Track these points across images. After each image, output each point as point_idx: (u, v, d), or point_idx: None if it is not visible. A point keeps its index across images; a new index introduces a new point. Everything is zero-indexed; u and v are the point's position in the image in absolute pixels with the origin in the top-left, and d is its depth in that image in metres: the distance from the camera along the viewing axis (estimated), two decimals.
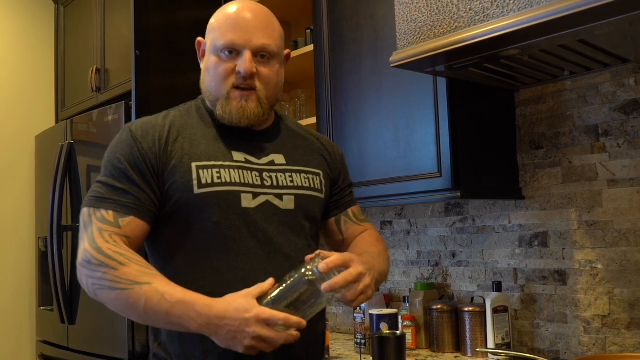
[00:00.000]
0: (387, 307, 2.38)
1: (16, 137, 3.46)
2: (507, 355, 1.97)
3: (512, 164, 2.14)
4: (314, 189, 1.51)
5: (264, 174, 1.46)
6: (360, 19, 2.21)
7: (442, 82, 1.94)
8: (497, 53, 1.67)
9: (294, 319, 1.21)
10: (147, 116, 1.50)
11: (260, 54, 1.44)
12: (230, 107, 1.43)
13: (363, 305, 2.23)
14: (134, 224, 1.37)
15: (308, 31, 2.62)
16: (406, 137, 2.05)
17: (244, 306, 1.21)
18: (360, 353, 2.19)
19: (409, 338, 2.21)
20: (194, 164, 1.41)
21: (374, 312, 2.15)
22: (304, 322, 1.23)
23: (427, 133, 1.98)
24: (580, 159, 1.99)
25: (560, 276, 2.03)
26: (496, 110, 2.13)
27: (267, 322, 1.20)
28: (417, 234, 2.47)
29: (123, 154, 1.41)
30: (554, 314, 2.04)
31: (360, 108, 2.20)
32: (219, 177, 1.41)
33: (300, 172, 1.51)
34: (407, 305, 2.31)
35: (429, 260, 2.43)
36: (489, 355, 2.03)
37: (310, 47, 2.47)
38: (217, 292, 1.29)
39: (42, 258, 3.17)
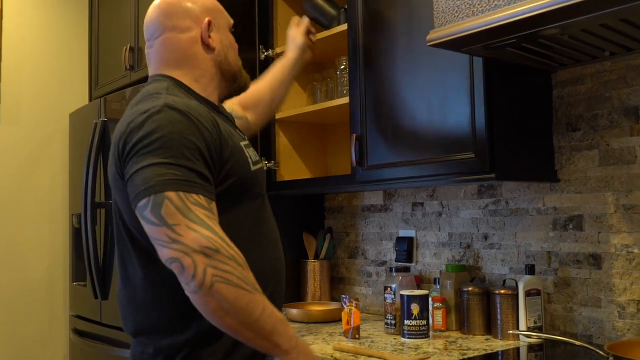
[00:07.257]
0: (418, 288, 2.37)
1: (51, 114, 3.50)
2: (539, 337, 1.95)
3: (547, 146, 2.11)
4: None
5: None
6: None
7: (478, 63, 1.91)
8: (536, 32, 1.64)
9: None
10: (172, 97, 1.41)
11: None
12: (245, 75, 1.66)
13: (394, 286, 2.23)
14: (216, 209, 1.32)
15: (342, 10, 2.59)
16: (440, 117, 2.03)
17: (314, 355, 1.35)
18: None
19: (439, 320, 2.20)
20: (241, 143, 1.50)
21: (405, 292, 2.14)
22: None
23: (462, 114, 1.96)
24: (618, 142, 1.96)
25: (595, 260, 2.00)
26: (532, 92, 2.09)
27: None
28: (449, 216, 2.46)
29: (191, 134, 1.32)
30: (588, 297, 2.02)
31: (394, 88, 2.18)
32: (255, 156, 1.55)
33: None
34: (438, 287, 2.31)
35: (461, 242, 2.41)
36: (520, 337, 2.02)
37: (344, 27, 2.45)
38: (266, 257, 1.49)
39: (76, 234, 3.22)
